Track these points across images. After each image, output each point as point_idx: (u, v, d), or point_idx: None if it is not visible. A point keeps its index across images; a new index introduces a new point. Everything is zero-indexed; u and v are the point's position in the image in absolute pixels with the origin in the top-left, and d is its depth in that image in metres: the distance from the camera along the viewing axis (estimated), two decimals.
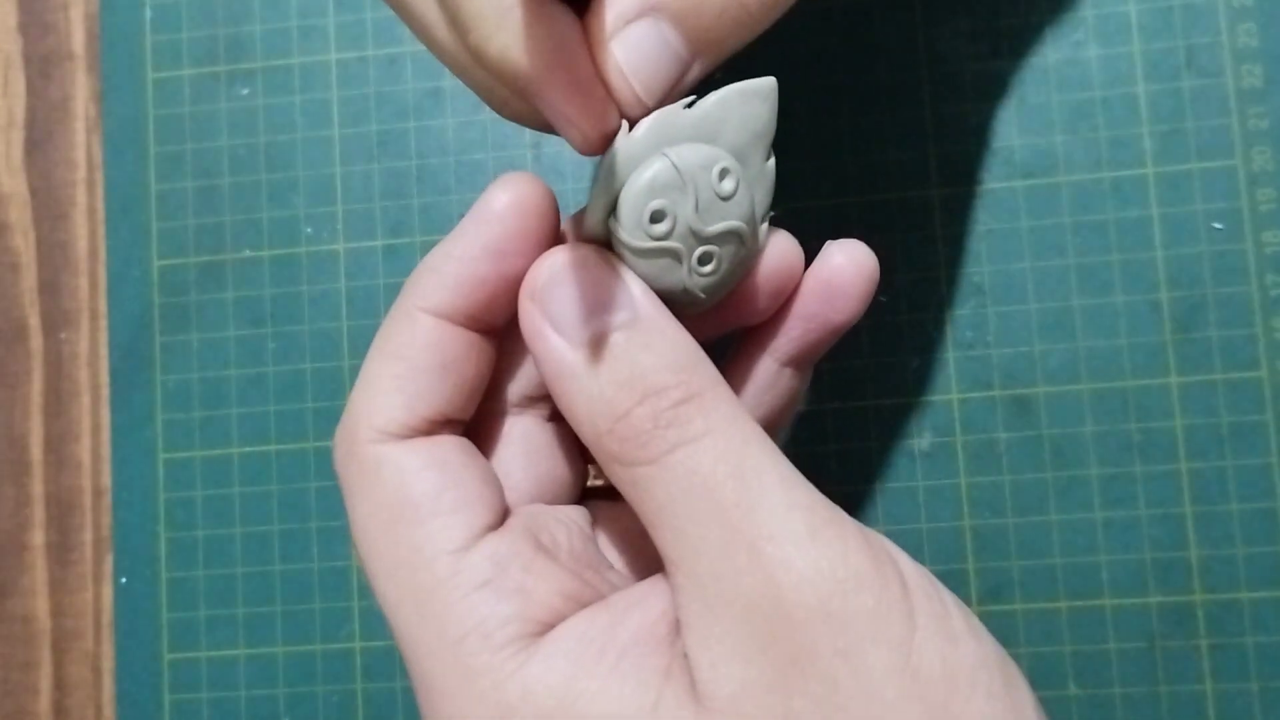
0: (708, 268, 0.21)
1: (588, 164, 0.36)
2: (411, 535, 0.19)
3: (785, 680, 0.17)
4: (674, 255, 0.20)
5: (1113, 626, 0.34)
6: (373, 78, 0.37)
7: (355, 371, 0.36)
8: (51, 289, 0.38)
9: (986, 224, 0.35)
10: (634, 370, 0.19)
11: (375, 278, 0.37)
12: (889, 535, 0.34)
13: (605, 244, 0.20)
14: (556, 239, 0.21)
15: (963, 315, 0.35)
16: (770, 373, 0.23)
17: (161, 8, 0.38)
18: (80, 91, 0.39)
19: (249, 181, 0.37)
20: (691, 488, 0.18)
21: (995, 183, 0.35)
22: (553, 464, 0.22)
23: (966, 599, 0.34)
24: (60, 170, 0.38)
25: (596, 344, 0.19)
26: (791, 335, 0.23)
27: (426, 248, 0.37)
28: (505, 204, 0.20)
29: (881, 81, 0.36)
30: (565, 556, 0.20)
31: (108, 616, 0.37)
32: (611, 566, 0.22)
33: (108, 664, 0.37)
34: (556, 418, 0.23)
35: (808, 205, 0.36)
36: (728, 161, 0.21)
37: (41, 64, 0.39)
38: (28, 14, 0.39)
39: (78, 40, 0.39)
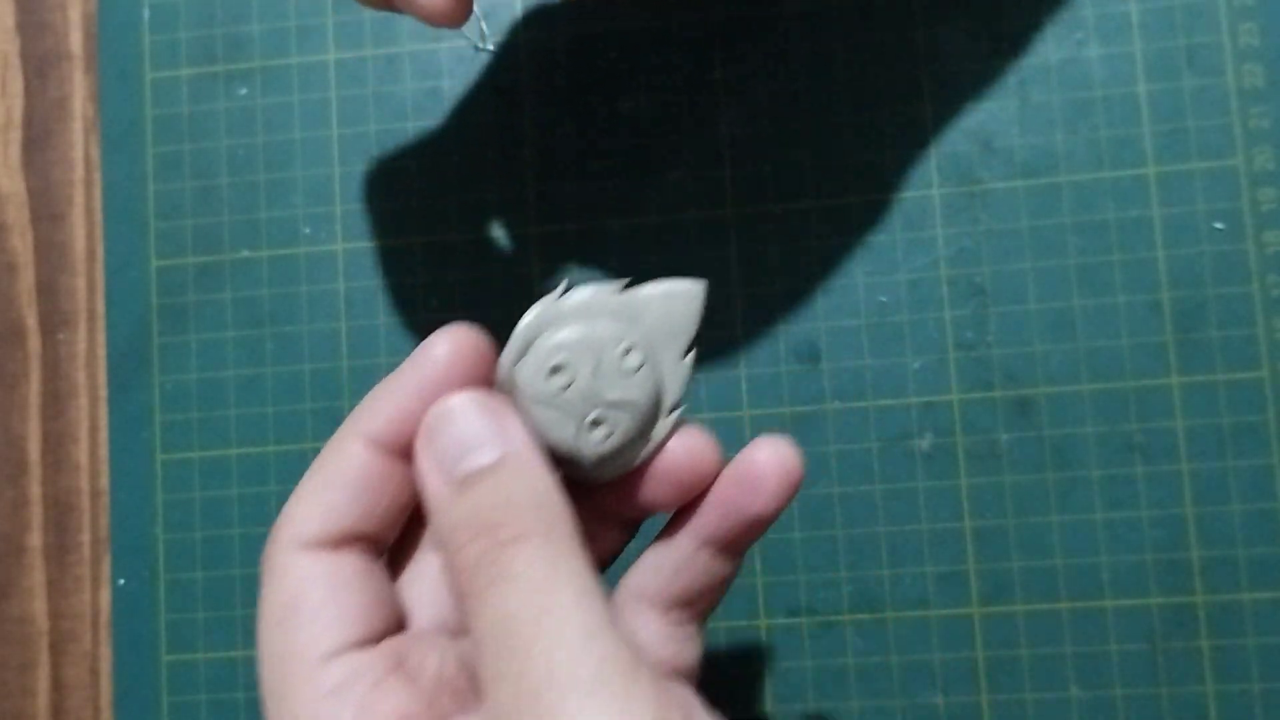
0: (598, 434, 0.22)
1: (587, 166, 0.36)
2: (290, 637, 0.21)
3: None
4: (566, 411, 0.22)
5: (1114, 628, 0.33)
6: (371, 78, 0.37)
7: (354, 372, 0.36)
8: (49, 289, 0.38)
9: (986, 224, 0.35)
10: (477, 507, 0.20)
11: (374, 278, 0.37)
12: (889, 536, 0.35)
13: (510, 390, 0.23)
14: (488, 386, 0.23)
15: (963, 315, 0.35)
16: (687, 550, 0.24)
17: (159, 7, 0.38)
18: (78, 91, 0.38)
19: (247, 181, 0.37)
20: (497, 624, 0.19)
21: (995, 183, 0.35)
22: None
23: (967, 600, 0.34)
24: (58, 170, 0.38)
25: (463, 480, 0.21)
26: (709, 519, 0.24)
27: (426, 248, 0.37)
28: (444, 351, 0.22)
29: (881, 81, 0.36)
30: (427, 681, 0.21)
31: (106, 618, 0.37)
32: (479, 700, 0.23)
33: (106, 665, 0.36)
34: None
35: (808, 205, 0.35)
36: (637, 342, 0.23)
37: (39, 64, 0.39)
38: (25, 14, 0.39)
39: (75, 40, 0.39)
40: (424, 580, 0.23)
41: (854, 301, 0.35)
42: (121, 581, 0.36)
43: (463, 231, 0.36)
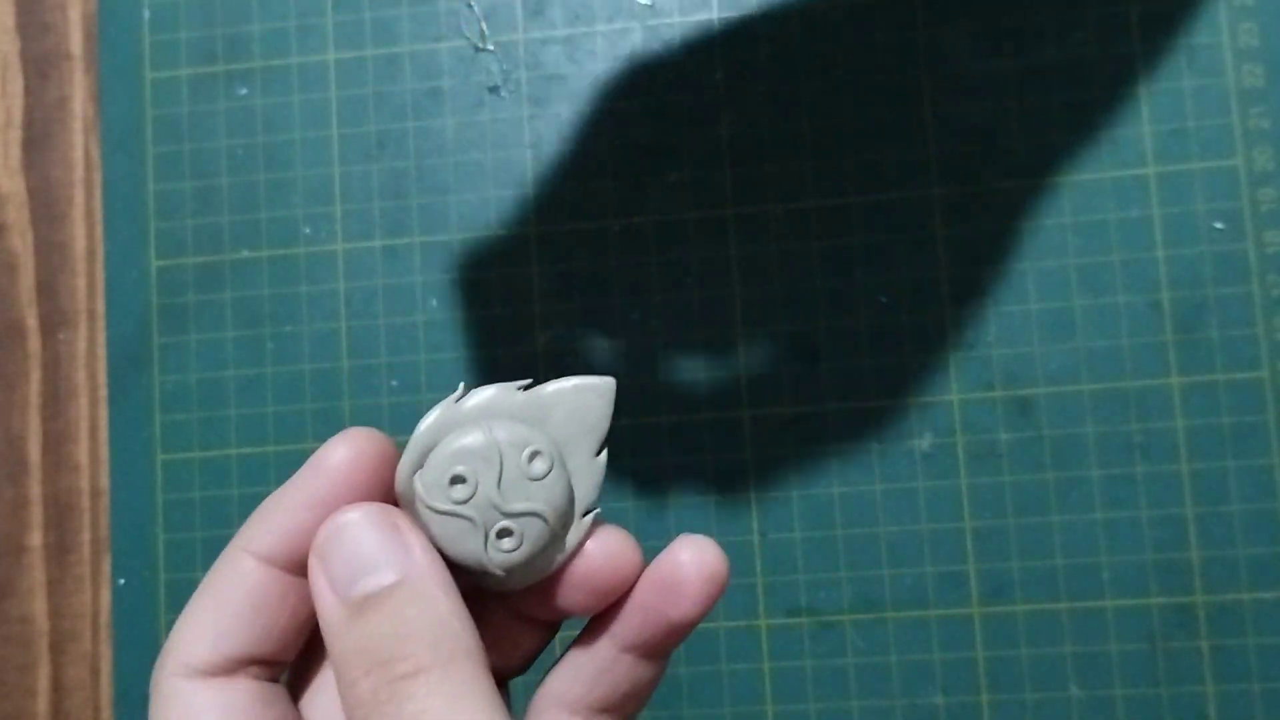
0: (506, 544, 0.21)
1: (586, 164, 0.36)
2: None
3: None
4: (470, 523, 0.21)
5: (1114, 627, 0.33)
6: (371, 77, 0.37)
7: (354, 372, 0.36)
8: (49, 290, 0.38)
9: (986, 224, 0.35)
10: (371, 637, 0.19)
11: (374, 278, 0.37)
12: (889, 536, 0.35)
13: (411, 501, 0.21)
14: (389, 494, 0.22)
15: (963, 315, 0.35)
16: (608, 655, 0.23)
17: (159, 8, 0.38)
18: (78, 91, 0.38)
19: (247, 182, 0.37)
20: None
21: (995, 183, 0.35)
22: None
23: (967, 600, 0.34)
24: (58, 170, 0.38)
25: (358, 604, 0.20)
26: (630, 624, 0.23)
27: (425, 248, 0.37)
28: (340, 458, 0.21)
29: (881, 81, 0.36)
30: None
31: (106, 618, 0.37)
32: None
33: (106, 665, 0.36)
34: None
35: (808, 205, 0.35)
36: (543, 445, 0.21)
37: (39, 64, 0.39)
38: (26, 14, 0.39)
39: (75, 40, 0.39)
40: (329, 693, 0.22)
41: (854, 301, 0.35)
42: (122, 581, 0.36)
43: (463, 231, 0.36)
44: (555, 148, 0.36)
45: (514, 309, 0.36)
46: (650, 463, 0.35)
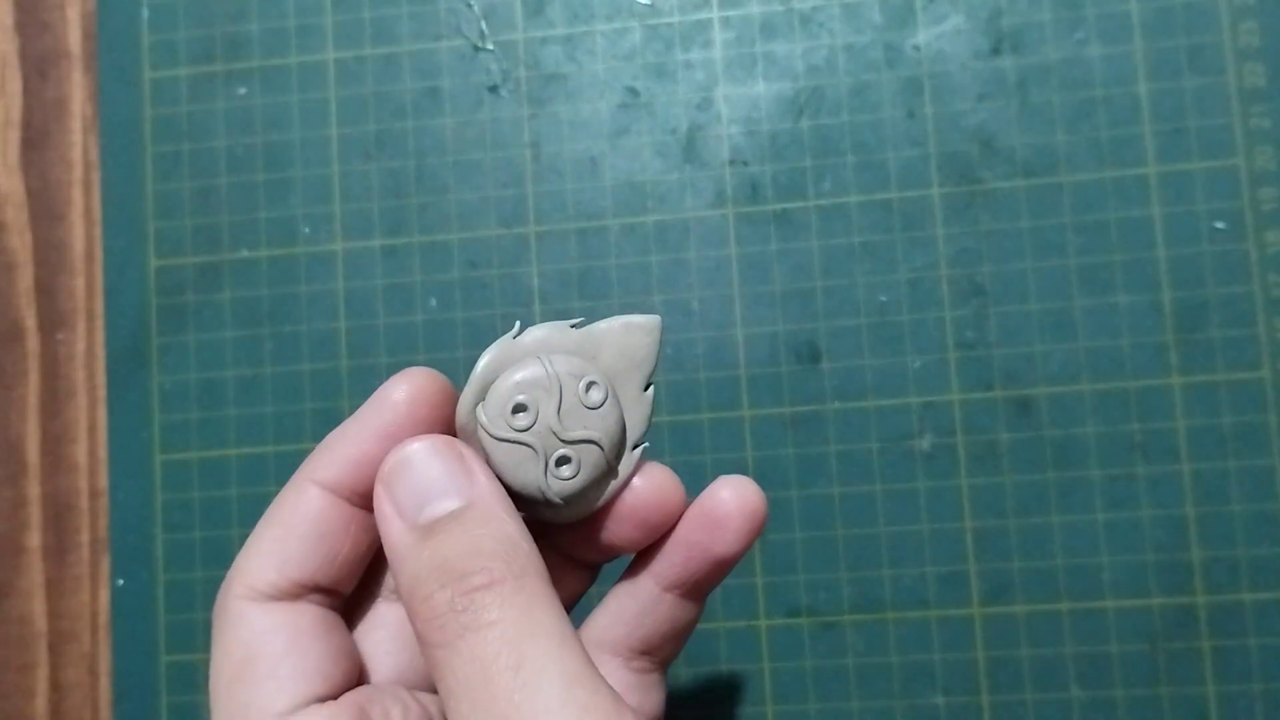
0: (565, 471, 0.22)
1: (586, 163, 0.36)
2: (247, 692, 0.20)
3: None
4: (531, 449, 0.22)
5: (1114, 628, 0.33)
6: (370, 77, 0.37)
7: (354, 372, 0.36)
8: (48, 289, 0.38)
9: (986, 224, 0.35)
10: (444, 555, 0.20)
11: (373, 278, 0.36)
12: (889, 536, 0.35)
13: (472, 432, 0.22)
14: (448, 429, 0.22)
15: (963, 315, 0.35)
16: (651, 595, 0.24)
17: (158, 7, 0.38)
18: (77, 91, 0.38)
19: (246, 181, 0.37)
20: (473, 675, 0.19)
21: (995, 183, 0.35)
22: (418, 653, 0.23)
23: (967, 600, 0.34)
24: (57, 170, 0.38)
25: (427, 527, 0.20)
26: (673, 560, 0.23)
27: (424, 248, 0.36)
28: (402, 394, 0.22)
29: (881, 81, 0.36)
30: None
31: (105, 618, 0.37)
32: None
33: (105, 666, 0.36)
34: None
35: (807, 205, 0.35)
36: (598, 377, 0.22)
37: (38, 63, 0.39)
38: (24, 13, 0.39)
39: (74, 39, 0.39)
40: (382, 630, 0.23)
41: (854, 301, 0.35)
42: (120, 582, 0.36)
43: (463, 231, 0.36)
44: (555, 148, 0.36)
45: (514, 309, 0.36)
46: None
